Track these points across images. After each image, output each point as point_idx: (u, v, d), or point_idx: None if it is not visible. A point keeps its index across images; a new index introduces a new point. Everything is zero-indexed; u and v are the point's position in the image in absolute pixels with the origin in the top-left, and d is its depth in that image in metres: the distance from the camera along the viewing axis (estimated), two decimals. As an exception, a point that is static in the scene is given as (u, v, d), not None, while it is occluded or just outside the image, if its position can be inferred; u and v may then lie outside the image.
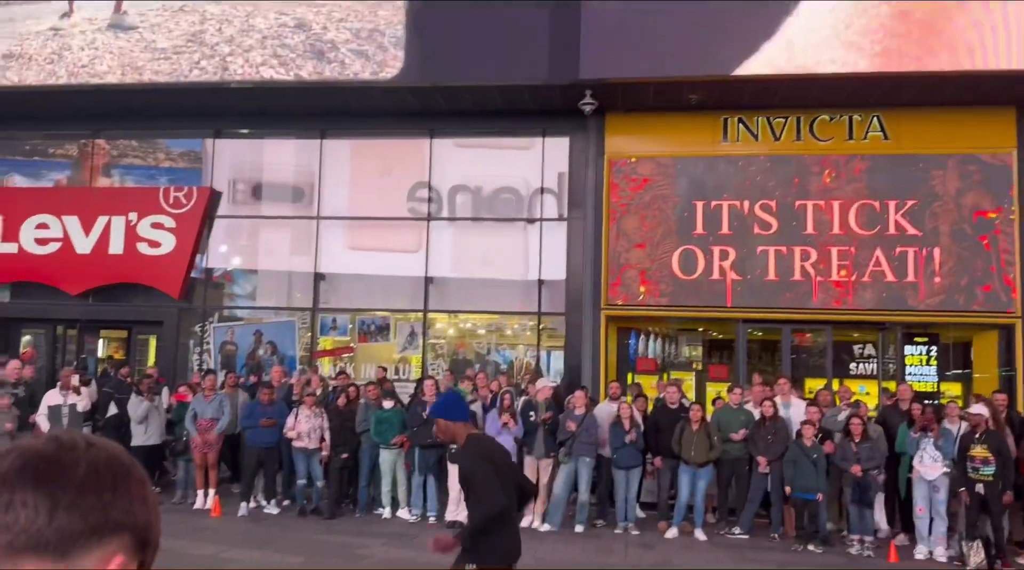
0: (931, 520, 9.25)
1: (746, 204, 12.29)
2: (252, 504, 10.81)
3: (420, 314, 13.64)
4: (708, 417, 10.36)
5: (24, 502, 0.99)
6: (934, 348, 12.28)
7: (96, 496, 1.03)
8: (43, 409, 10.65)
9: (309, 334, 13.88)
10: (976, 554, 8.70)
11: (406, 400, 11.23)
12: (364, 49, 12.34)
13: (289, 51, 12.50)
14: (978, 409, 9.25)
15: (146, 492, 1.10)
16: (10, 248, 13.92)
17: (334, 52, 12.39)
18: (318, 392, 11.17)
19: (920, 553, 9.22)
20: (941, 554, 9.11)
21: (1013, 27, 10.58)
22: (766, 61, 11.18)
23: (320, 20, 12.49)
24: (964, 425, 9.27)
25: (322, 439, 10.66)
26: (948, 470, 9.08)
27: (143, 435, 10.90)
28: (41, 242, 13.87)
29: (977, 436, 8.90)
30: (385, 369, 12.69)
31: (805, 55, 11.14)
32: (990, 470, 8.71)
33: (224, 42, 12.67)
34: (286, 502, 11.00)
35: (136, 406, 10.97)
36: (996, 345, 11.99)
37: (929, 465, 9.13)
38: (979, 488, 8.77)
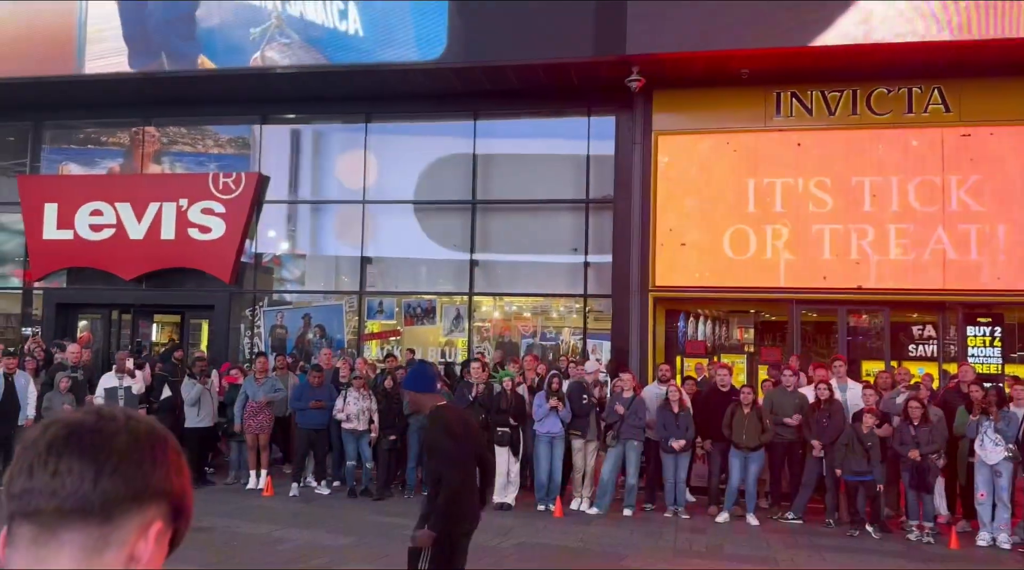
0: (994, 506, 9.01)
1: (800, 181, 12.07)
2: (303, 485, 11.04)
3: (465, 297, 13.73)
4: (760, 400, 10.26)
5: (69, 469, 1.02)
6: (998, 329, 11.90)
7: (137, 464, 1.07)
8: (99, 392, 11.05)
9: (356, 317, 14.06)
10: (1042, 541, 8.51)
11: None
12: (407, 30, 12.41)
13: (333, 34, 12.66)
14: (1043, 391, 9.01)
15: (182, 463, 1.13)
16: (66, 235, 14.33)
17: (377, 34, 12.51)
18: (362, 374, 11.34)
19: (983, 540, 9.00)
20: (1005, 541, 8.87)
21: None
22: (841, 34, 10.88)
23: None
24: (1030, 407, 9.04)
25: (371, 421, 10.84)
26: (1010, 454, 8.86)
27: (196, 417, 11.17)
28: (95, 228, 14.26)
29: (1044, 418, 8.68)
30: (413, 351, 12.82)
31: (884, 28, 10.78)
32: (1057, 454, 8.50)
33: (269, 27, 12.88)
34: (336, 483, 11.20)
35: (188, 389, 11.24)
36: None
37: (990, 449, 8.89)
38: (1045, 473, 8.57)
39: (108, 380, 11.15)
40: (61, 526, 1.03)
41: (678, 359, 12.79)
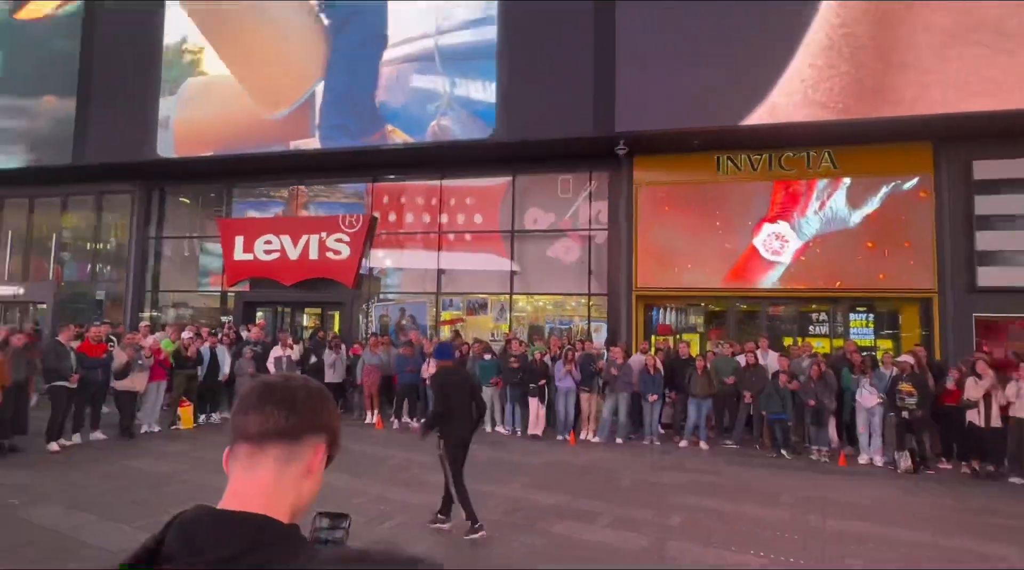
0: (870, 436, 9.01)
1: (734, 216, 12.01)
2: (402, 421, 11.28)
3: (507, 296, 13.84)
4: (708, 365, 10.29)
5: (272, 410, 1.10)
6: (871, 315, 11.73)
7: (311, 407, 1.13)
8: (271, 359, 11.42)
9: (434, 309, 14.27)
10: (905, 461, 8.43)
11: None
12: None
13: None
14: (905, 358, 8.91)
15: (336, 410, 1.19)
16: (248, 257, 14.83)
17: (449, 122, 12.75)
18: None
19: (863, 459, 8.99)
20: (879, 461, 8.88)
21: (935, 82, 10.02)
22: (757, 118, 10.84)
23: (440, 101, 12.81)
24: (895, 369, 8.95)
25: (446, 379, 11.04)
26: (881, 401, 8.80)
27: (332, 375, 11.50)
28: (267, 252, 14.70)
29: (904, 376, 8.59)
30: (458, 333, 12.89)
31: (785, 113, 10.70)
32: (913, 400, 8.43)
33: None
34: (422, 420, 11.28)
35: (328, 357, 11.61)
36: (917, 313, 11.38)
37: (866, 397, 8.87)
38: (905, 414, 8.50)
39: (276, 352, 11.53)
40: (267, 443, 1.08)
41: (653, 337, 12.77)
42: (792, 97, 10.67)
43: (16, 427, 8.35)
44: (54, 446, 8.44)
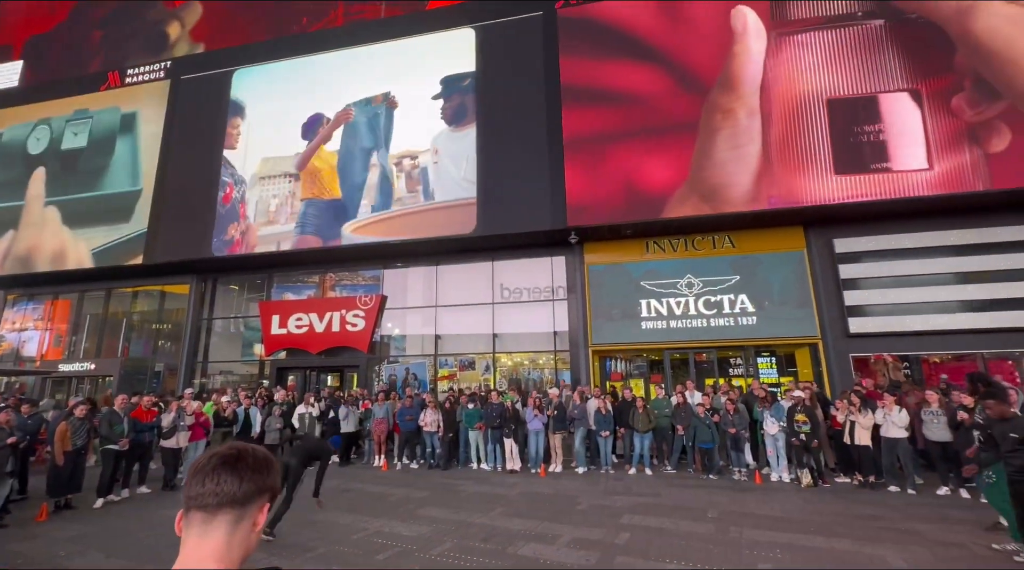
0: (778, 458, 8.95)
1: (660, 285, 12.33)
2: (403, 463, 10.98)
3: (491, 355, 13.82)
4: (648, 404, 10.26)
5: (226, 480, 1.05)
6: (774, 358, 11.88)
7: (259, 475, 1.08)
8: (296, 415, 11.11)
9: (433, 368, 14.15)
10: (805, 476, 8.38)
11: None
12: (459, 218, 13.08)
13: (417, 224, 13.28)
14: (798, 392, 9.03)
15: (277, 470, 1.14)
16: (283, 332, 14.73)
17: (439, 223, 13.15)
18: (433, 400, 11.35)
19: (774, 477, 8.89)
20: (785, 477, 8.78)
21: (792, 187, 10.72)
22: (669, 212, 11.45)
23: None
24: (792, 401, 9.03)
25: (439, 426, 10.84)
26: (782, 428, 8.83)
27: (346, 426, 11.23)
28: (299, 327, 14.62)
29: (799, 408, 8.68)
30: (451, 389, 12.74)
31: (694, 207, 11.35)
32: (807, 427, 8.48)
33: (385, 221, 13.51)
34: (421, 461, 11.12)
35: (344, 412, 11.38)
36: (808, 355, 11.57)
37: (771, 426, 8.89)
38: (802, 437, 8.51)
39: (301, 409, 11.22)
40: (220, 511, 1.02)
41: (607, 383, 12.73)
42: (694, 196, 11.35)
43: (72, 486, 7.99)
44: (99, 503, 7.98)
